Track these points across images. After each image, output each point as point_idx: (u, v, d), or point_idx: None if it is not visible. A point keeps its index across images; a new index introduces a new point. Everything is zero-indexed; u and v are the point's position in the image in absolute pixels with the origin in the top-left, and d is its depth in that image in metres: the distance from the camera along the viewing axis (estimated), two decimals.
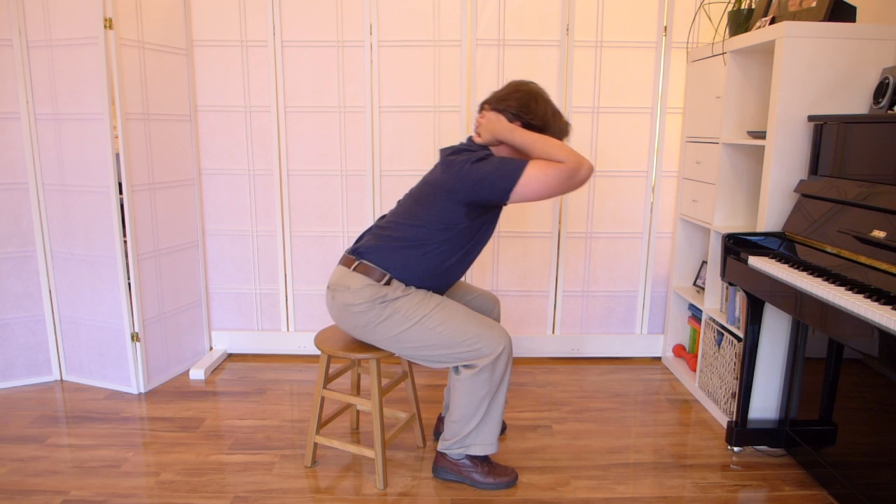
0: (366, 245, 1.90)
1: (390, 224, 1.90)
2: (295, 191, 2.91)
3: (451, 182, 1.79)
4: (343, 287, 1.86)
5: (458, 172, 1.78)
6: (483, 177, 1.75)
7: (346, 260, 1.92)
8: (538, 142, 1.78)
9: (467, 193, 1.78)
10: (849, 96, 2.03)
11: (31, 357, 2.68)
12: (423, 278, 1.89)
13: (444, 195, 1.81)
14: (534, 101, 1.86)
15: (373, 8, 2.73)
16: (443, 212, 1.82)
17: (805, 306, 1.68)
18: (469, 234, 1.87)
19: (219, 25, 2.76)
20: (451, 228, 1.83)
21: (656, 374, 2.87)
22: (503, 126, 1.84)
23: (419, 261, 1.85)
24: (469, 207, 1.81)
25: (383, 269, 1.86)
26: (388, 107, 2.82)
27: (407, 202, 1.92)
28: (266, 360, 3.00)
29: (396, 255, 1.85)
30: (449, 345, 1.83)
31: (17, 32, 2.43)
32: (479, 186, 1.76)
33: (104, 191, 2.44)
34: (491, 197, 1.77)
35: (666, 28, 2.76)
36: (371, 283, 1.84)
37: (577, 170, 1.71)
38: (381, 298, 1.83)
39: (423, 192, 1.88)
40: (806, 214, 1.95)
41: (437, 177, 1.85)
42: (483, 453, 1.93)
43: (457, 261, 1.89)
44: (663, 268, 2.99)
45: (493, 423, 1.91)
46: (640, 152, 2.87)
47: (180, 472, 2.03)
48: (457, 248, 1.87)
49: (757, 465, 2.09)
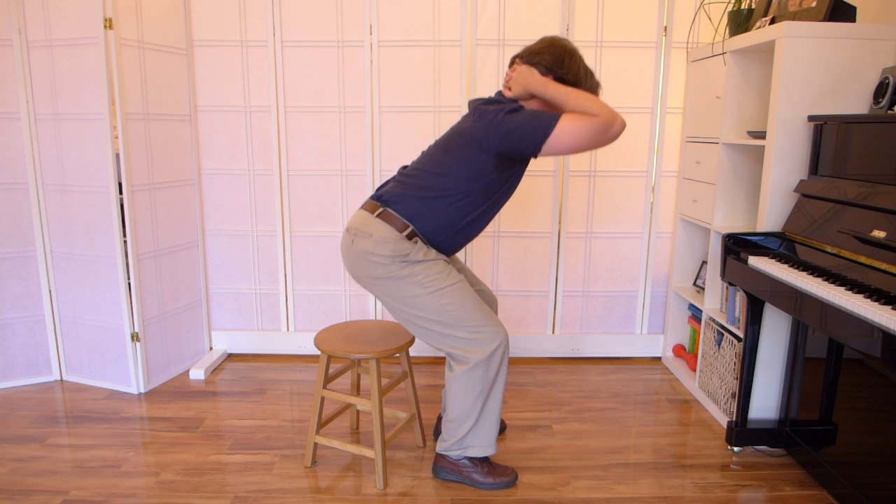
0: (390, 192, 1.87)
1: (416, 172, 1.87)
2: (295, 191, 2.91)
3: (483, 131, 1.76)
4: (365, 234, 1.83)
5: (490, 122, 1.75)
6: (516, 127, 1.72)
7: (370, 205, 1.88)
8: (571, 94, 1.75)
9: (499, 143, 1.74)
10: (849, 96, 2.03)
11: (31, 357, 2.68)
12: (444, 230, 1.85)
13: (475, 145, 1.78)
14: (568, 56, 1.83)
15: (373, 8, 2.73)
16: (471, 162, 1.79)
17: (805, 306, 1.68)
18: (495, 188, 1.83)
19: (219, 25, 2.76)
20: (479, 179, 1.80)
21: (656, 374, 2.87)
22: (536, 79, 1.81)
23: (443, 212, 1.82)
24: (499, 158, 1.78)
25: (406, 219, 1.83)
26: (388, 107, 2.82)
27: (434, 151, 1.88)
28: (266, 360, 3.00)
29: (420, 205, 1.82)
30: (451, 324, 1.82)
31: (17, 32, 2.43)
32: (512, 137, 1.72)
33: (104, 191, 2.44)
34: (523, 148, 1.74)
35: (666, 28, 2.76)
36: (394, 235, 1.80)
37: (610, 123, 1.69)
38: (403, 257, 1.80)
39: (452, 142, 1.84)
40: (806, 214, 1.95)
41: (467, 126, 1.82)
42: (482, 455, 1.93)
43: (479, 215, 1.86)
44: (663, 268, 2.99)
45: (489, 423, 1.90)
46: (640, 152, 2.87)
47: (180, 472, 2.03)
48: (481, 201, 1.84)
49: (757, 465, 2.09)
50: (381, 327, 2.12)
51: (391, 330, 2.09)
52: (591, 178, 2.88)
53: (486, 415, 1.90)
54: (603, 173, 2.88)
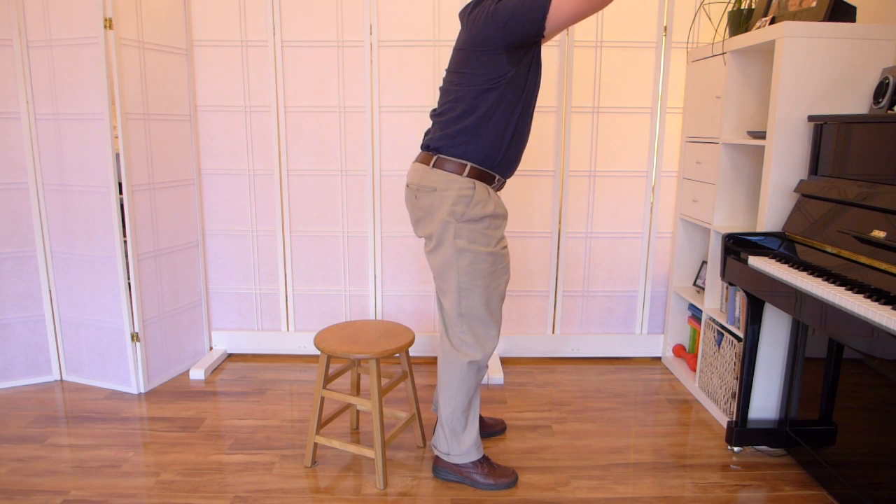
0: (434, 137, 1.85)
1: (444, 106, 1.84)
2: (295, 191, 2.91)
3: (483, 31, 1.72)
4: (428, 189, 1.82)
5: (485, 19, 1.71)
6: (512, 12, 1.67)
7: (424, 157, 1.86)
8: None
9: (502, 36, 1.69)
10: (849, 96, 2.03)
11: (31, 357, 2.68)
12: (496, 149, 1.80)
13: (480, 49, 1.73)
14: None
15: (373, 8, 2.73)
16: (485, 67, 1.74)
17: (805, 306, 1.68)
18: (519, 84, 1.78)
19: (219, 25, 2.76)
20: (500, 82, 1.75)
21: (656, 374, 2.87)
22: None
23: (485, 133, 1.78)
24: (508, 51, 1.72)
25: (461, 158, 1.80)
26: (388, 107, 2.82)
27: (448, 78, 1.85)
28: (266, 360, 3.00)
29: (464, 137, 1.79)
30: (477, 304, 1.83)
31: (17, 32, 2.43)
32: (512, 23, 1.67)
33: (104, 191, 2.44)
34: (526, 31, 1.67)
35: (666, 28, 2.76)
36: (455, 181, 1.78)
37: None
38: (468, 199, 1.77)
39: (457, 61, 1.81)
40: (806, 214, 1.95)
41: (465, 37, 1.79)
42: (463, 461, 1.96)
43: (519, 117, 1.81)
44: (663, 268, 2.99)
45: (472, 433, 1.96)
46: (640, 152, 2.87)
47: (180, 472, 2.03)
48: (515, 102, 1.79)
49: (757, 465, 2.09)
50: (381, 327, 2.12)
51: (391, 330, 2.09)
52: (591, 178, 2.88)
53: (470, 423, 1.96)
54: (603, 173, 2.88)
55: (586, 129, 2.84)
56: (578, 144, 2.85)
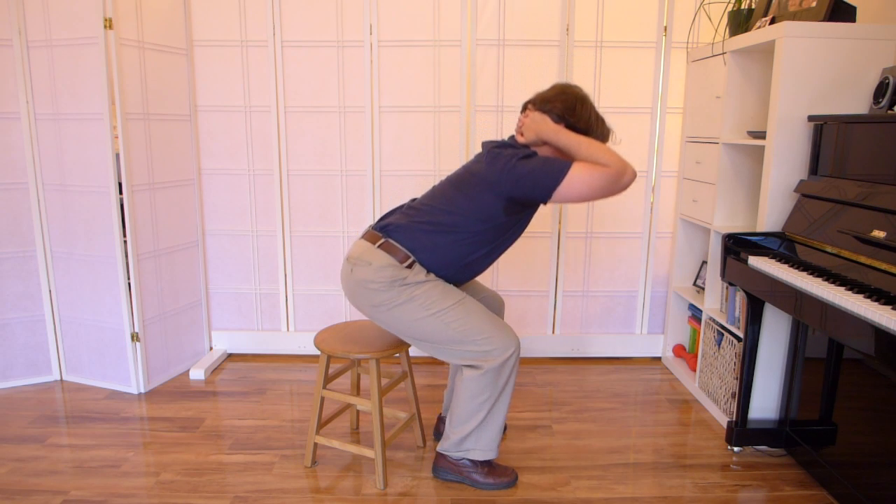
0: (394, 223, 1.88)
1: (425, 207, 1.88)
2: (295, 191, 2.91)
3: (496, 174, 1.78)
4: (364, 262, 1.84)
5: (504, 166, 1.78)
6: (528, 173, 1.74)
7: (371, 235, 1.89)
8: (583, 144, 1.77)
9: (511, 188, 1.77)
10: (849, 96, 2.03)
11: (31, 357, 2.68)
12: (446, 267, 1.87)
13: (487, 187, 1.80)
14: (580, 104, 1.86)
15: (373, 8, 2.73)
16: (482, 203, 1.81)
17: (805, 306, 1.68)
18: (502, 231, 1.86)
19: (219, 25, 2.76)
20: (488, 221, 1.82)
21: (656, 374, 2.87)
22: (549, 126, 1.84)
23: (448, 248, 1.84)
24: (509, 202, 1.80)
25: (408, 251, 1.84)
26: (388, 107, 2.82)
27: (445, 188, 1.89)
28: (266, 360, 3.00)
29: (426, 238, 1.84)
30: (460, 341, 1.83)
31: (17, 32, 2.43)
32: (523, 182, 1.75)
33: (104, 191, 2.44)
34: (533, 194, 1.76)
35: (666, 28, 2.76)
36: (393, 263, 1.82)
37: (621, 174, 1.71)
38: (402, 281, 1.81)
39: (464, 181, 1.86)
40: (806, 214, 1.95)
41: (481, 168, 1.84)
42: (483, 458, 1.93)
43: (483, 255, 1.88)
44: (663, 268, 2.99)
45: (493, 428, 1.91)
46: (640, 152, 2.87)
47: (180, 472, 2.03)
48: (486, 243, 1.86)
49: (757, 465, 2.09)
50: (380, 327, 2.12)
51: None
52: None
53: (491, 419, 1.90)
54: None
55: None
56: None
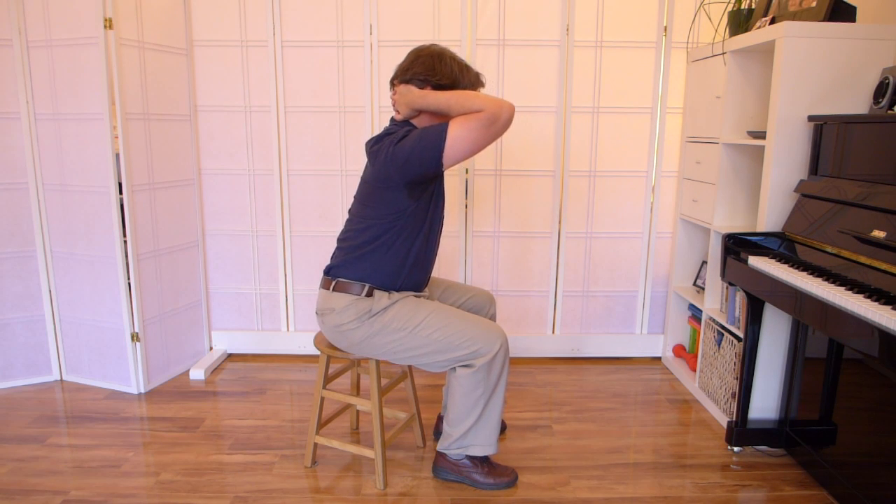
0: (336, 263, 1.91)
1: (348, 234, 1.91)
2: (295, 191, 2.91)
3: (383, 170, 1.78)
4: (329, 310, 1.87)
5: (385, 158, 1.77)
6: (409, 153, 1.73)
7: (325, 282, 1.92)
8: (452, 99, 1.75)
9: (401, 174, 1.75)
10: (849, 96, 2.03)
11: (31, 357, 2.68)
12: (399, 275, 1.88)
13: (382, 186, 1.80)
14: (438, 61, 1.83)
15: (373, 8, 2.73)
16: (387, 202, 1.81)
17: (805, 306, 1.68)
18: (422, 214, 1.85)
19: (219, 25, 2.76)
20: (402, 214, 1.82)
21: (656, 374, 2.87)
22: (414, 94, 1.81)
23: (387, 258, 1.85)
24: (409, 187, 1.79)
25: (360, 281, 1.86)
26: (388, 107, 2.82)
27: (354, 209, 1.92)
28: (266, 360, 3.00)
29: (365, 263, 1.86)
30: (445, 349, 1.83)
31: (17, 32, 2.43)
32: (410, 164, 1.73)
33: (104, 191, 2.44)
34: (424, 170, 1.74)
35: (666, 28, 2.76)
36: (353, 299, 1.84)
37: (497, 114, 1.69)
38: (368, 313, 1.83)
39: (363, 193, 1.88)
40: (806, 214, 1.95)
41: (369, 172, 1.85)
42: (482, 454, 1.93)
43: (422, 243, 1.88)
44: (663, 268, 2.99)
45: (491, 423, 1.91)
46: (640, 152, 2.87)
47: (180, 472, 2.03)
48: (416, 232, 1.86)
49: (757, 465, 2.09)
50: None
51: None
52: (591, 178, 2.88)
53: (488, 414, 1.90)
54: (603, 173, 2.88)
55: (586, 129, 2.84)
56: (578, 144, 2.85)
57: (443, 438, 1.97)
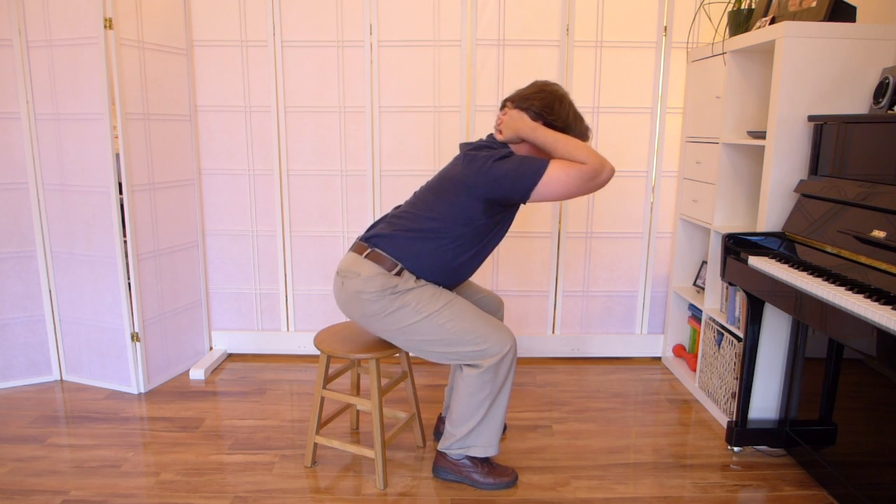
0: (380, 234, 1.89)
1: (407, 214, 1.89)
2: (295, 191, 2.91)
3: (473, 177, 1.79)
4: (353, 274, 1.85)
5: (479, 168, 1.78)
6: (504, 174, 1.75)
7: (358, 247, 1.90)
8: (560, 141, 1.77)
9: (488, 190, 1.77)
10: (849, 96, 2.03)
11: (31, 357, 2.68)
12: (433, 272, 1.88)
13: (464, 190, 1.80)
14: (558, 102, 1.86)
15: (373, 8, 2.73)
16: (461, 207, 1.81)
17: (805, 306, 1.68)
18: (484, 232, 1.86)
19: (219, 25, 2.76)
20: (468, 224, 1.83)
21: (656, 374, 2.87)
22: (526, 124, 1.83)
23: (432, 254, 1.85)
24: (488, 204, 1.80)
25: (395, 259, 1.85)
26: (388, 107, 2.82)
27: (425, 194, 1.90)
28: (266, 360, 3.00)
29: (410, 246, 1.85)
30: (455, 342, 1.83)
31: (17, 32, 2.43)
32: (500, 183, 1.75)
33: (104, 191, 2.44)
34: (511, 195, 1.77)
35: (666, 28, 2.76)
36: (382, 272, 1.82)
37: (599, 171, 1.72)
38: (392, 289, 1.82)
39: (442, 186, 1.86)
40: (806, 214, 1.95)
41: (457, 171, 1.84)
42: (483, 455, 1.93)
43: (469, 258, 1.89)
44: (663, 268, 2.99)
45: (494, 424, 1.91)
46: (640, 152, 2.87)
47: (180, 472, 2.03)
48: (470, 245, 1.87)
49: (757, 465, 2.09)
50: None
51: None
52: None
53: (491, 416, 1.90)
54: None
55: None
56: None
57: (444, 438, 1.97)
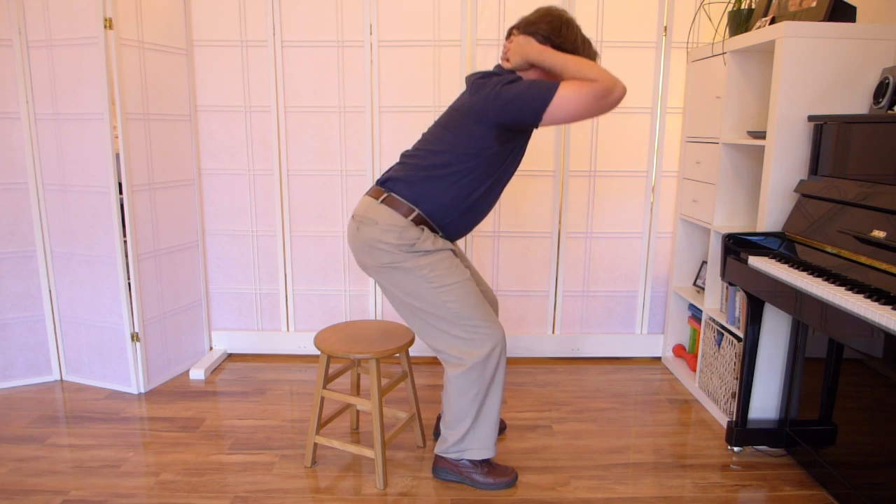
0: (394, 176, 1.85)
1: (419, 153, 1.85)
2: (295, 191, 2.91)
3: (482, 104, 1.74)
4: (370, 221, 1.81)
5: (488, 94, 1.73)
6: (515, 97, 1.69)
7: (374, 191, 1.86)
8: (570, 62, 1.72)
9: (498, 115, 1.72)
10: (849, 96, 2.03)
11: (31, 357, 2.68)
12: (450, 210, 1.83)
13: (474, 118, 1.76)
14: (566, 26, 1.82)
15: (373, 8, 2.73)
16: (472, 136, 1.76)
17: (805, 306, 1.68)
18: (497, 163, 1.81)
19: (219, 25, 2.76)
20: (480, 154, 1.77)
21: (656, 374, 2.87)
22: (534, 48, 1.79)
23: (447, 190, 1.80)
24: (499, 130, 1.75)
25: (411, 203, 1.80)
26: (388, 107, 2.82)
27: (434, 130, 1.86)
28: (266, 360, 3.00)
29: (424, 186, 1.80)
30: (449, 321, 1.81)
31: (17, 32, 2.43)
32: (511, 107, 1.70)
33: (104, 191, 2.44)
34: (523, 118, 1.71)
35: (666, 28, 2.76)
36: (401, 221, 1.79)
37: (610, 89, 1.66)
38: (409, 246, 1.78)
39: (451, 119, 1.82)
40: (806, 214, 1.95)
41: (466, 101, 1.80)
42: (480, 458, 1.92)
43: (484, 192, 1.83)
44: (663, 268, 2.99)
45: (488, 425, 1.90)
46: (640, 152, 2.87)
47: (180, 472, 2.03)
48: (485, 177, 1.81)
49: (757, 465, 2.09)
50: (381, 327, 2.12)
51: (391, 330, 2.09)
52: (591, 178, 2.88)
53: (483, 417, 1.89)
54: (603, 173, 2.88)
55: (586, 129, 2.84)
56: (578, 144, 2.85)
57: (440, 442, 1.96)
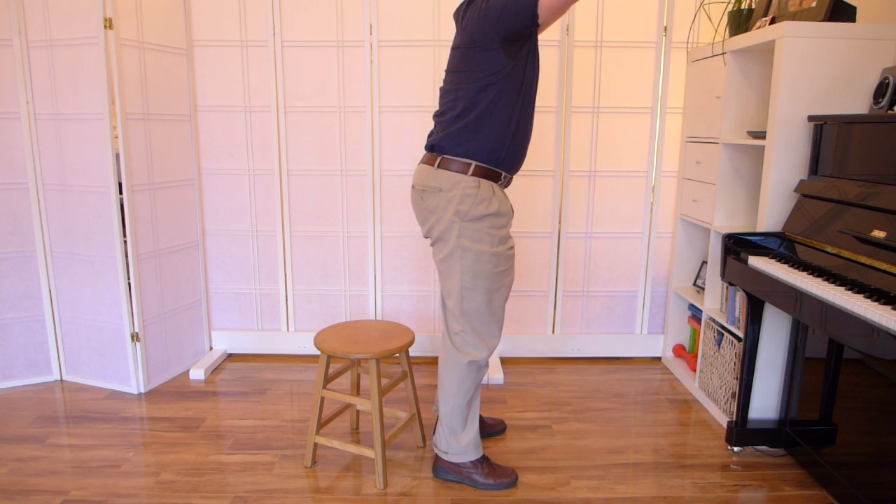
0: (437, 137, 1.86)
1: (446, 106, 1.85)
2: (295, 191, 2.91)
3: (477, 27, 1.73)
4: (433, 189, 1.83)
5: (479, 14, 1.73)
6: (503, 5, 1.68)
7: (429, 158, 1.88)
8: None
9: (496, 29, 1.70)
10: (849, 96, 2.03)
11: (31, 357, 2.68)
12: (499, 145, 1.81)
13: (478, 46, 1.75)
14: None
15: (373, 8, 2.73)
16: (482, 63, 1.75)
17: (805, 306, 1.68)
18: (517, 79, 1.79)
19: (219, 25, 2.76)
20: (498, 76, 1.75)
21: (656, 374, 2.87)
22: None
23: (490, 125, 1.79)
24: (504, 45, 1.73)
25: (465, 158, 1.80)
26: (388, 107, 2.82)
27: (448, 79, 1.86)
28: (266, 360, 3.00)
29: (467, 134, 1.80)
30: (471, 313, 1.85)
31: (17, 32, 2.43)
32: (505, 16, 1.68)
33: (104, 191, 2.44)
34: (519, 23, 1.68)
35: (666, 28, 2.76)
36: (462, 180, 1.79)
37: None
38: (474, 196, 1.78)
39: (455, 59, 1.82)
40: (806, 214, 1.95)
41: (461, 36, 1.80)
42: (462, 460, 1.96)
43: (521, 113, 1.82)
44: (663, 268, 2.99)
45: (473, 428, 1.97)
46: (640, 152, 2.87)
47: (180, 472, 2.03)
48: (515, 95, 1.80)
49: (757, 465, 2.09)
50: (381, 327, 2.12)
51: (391, 330, 2.09)
52: (591, 178, 2.88)
53: (472, 416, 1.96)
54: (603, 173, 2.88)
55: (586, 129, 2.84)
56: (578, 144, 2.85)
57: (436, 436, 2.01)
